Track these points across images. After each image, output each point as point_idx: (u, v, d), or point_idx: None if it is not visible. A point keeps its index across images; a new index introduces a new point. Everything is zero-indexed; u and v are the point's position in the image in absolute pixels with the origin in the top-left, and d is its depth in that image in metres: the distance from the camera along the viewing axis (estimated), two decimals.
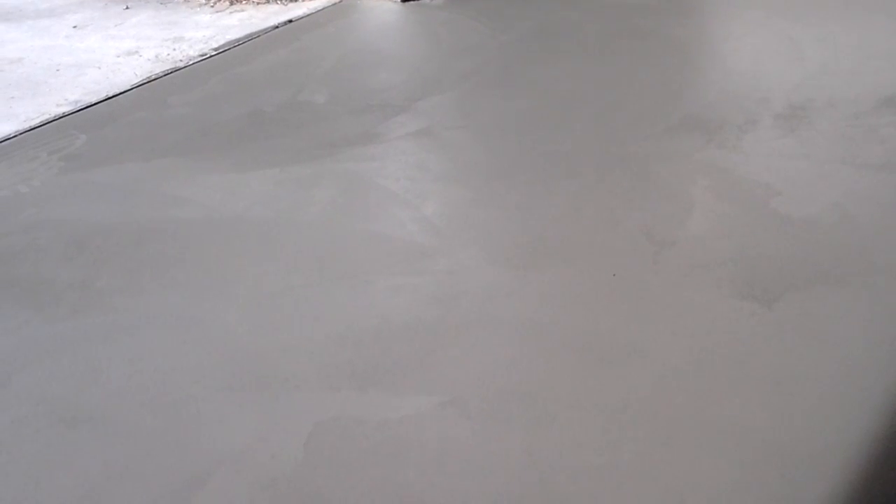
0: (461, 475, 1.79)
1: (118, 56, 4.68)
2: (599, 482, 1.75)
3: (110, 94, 4.01)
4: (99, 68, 4.48)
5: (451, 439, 1.88)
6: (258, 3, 5.51)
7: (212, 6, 5.60)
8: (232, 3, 5.58)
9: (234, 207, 2.83)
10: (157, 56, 4.61)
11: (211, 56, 4.50)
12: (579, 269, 2.36)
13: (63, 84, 4.26)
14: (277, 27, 4.90)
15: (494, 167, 2.95)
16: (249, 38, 4.74)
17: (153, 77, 4.23)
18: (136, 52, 4.72)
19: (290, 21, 5.01)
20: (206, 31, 5.00)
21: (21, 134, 3.61)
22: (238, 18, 5.22)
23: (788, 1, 4.31)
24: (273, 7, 5.40)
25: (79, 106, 3.90)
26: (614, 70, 3.57)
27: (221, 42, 4.72)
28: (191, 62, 4.42)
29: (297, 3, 5.41)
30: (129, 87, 4.10)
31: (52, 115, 3.81)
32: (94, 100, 3.96)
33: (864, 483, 1.69)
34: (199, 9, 5.59)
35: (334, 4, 5.27)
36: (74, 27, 5.40)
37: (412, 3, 5.14)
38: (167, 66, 4.39)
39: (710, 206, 2.56)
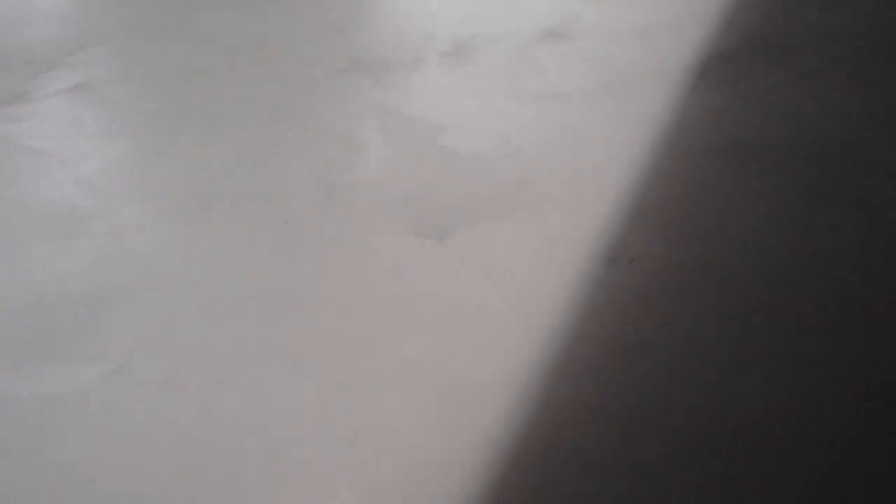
0: (132, 444, 1.69)
1: None
2: (279, 433, 1.71)
3: None
4: None
5: (120, 409, 1.77)
6: None
7: None
8: None
9: None
10: None
11: None
12: (251, 220, 2.28)
13: None
14: None
15: (159, 120, 2.79)
16: None
17: None
18: None
19: None
20: None
21: None
22: None
23: None
24: None
25: None
26: (280, 14, 3.47)
27: None
28: None
29: None
30: None
31: None
32: None
33: (536, 404, 1.73)
34: None
35: None
36: None
37: None
38: None
39: (380, 146, 2.53)
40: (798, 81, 2.65)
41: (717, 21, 3.03)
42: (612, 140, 2.50)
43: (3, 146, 2.65)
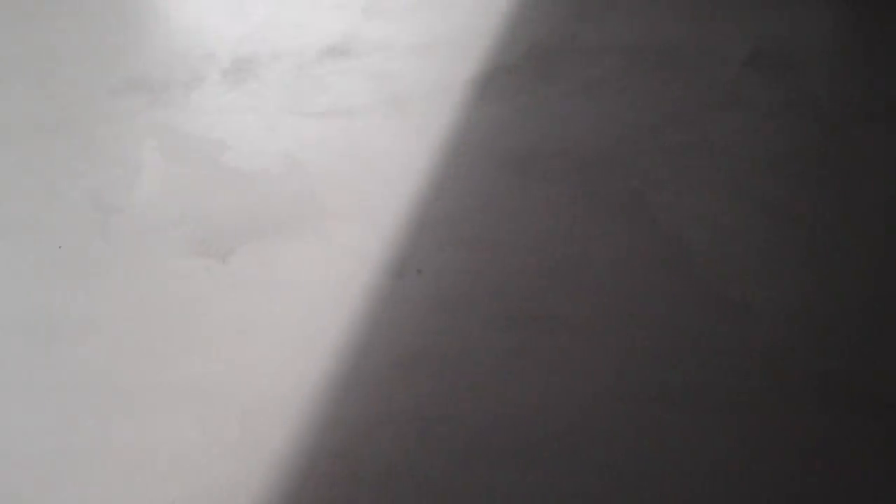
0: None
1: None
2: (53, 467, 1.65)
3: None
4: None
5: None
6: None
7: None
8: None
9: None
10: None
11: None
12: (20, 245, 2.18)
13: None
14: None
15: None
16: None
17: None
18: None
19: None
20: None
21: None
22: None
23: None
24: None
25: None
26: (51, 33, 3.32)
27: None
28: None
29: None
30: None
31: None
32: None
33: (324, 421, 1.72)
34: None
35: None
36: None
37: None
38: None
39: (160, 166, 2.46)
40: (575, 93, 2.73)
41: (497, 36, 3.09)
42: (396, 154, 2.51)
43: None
